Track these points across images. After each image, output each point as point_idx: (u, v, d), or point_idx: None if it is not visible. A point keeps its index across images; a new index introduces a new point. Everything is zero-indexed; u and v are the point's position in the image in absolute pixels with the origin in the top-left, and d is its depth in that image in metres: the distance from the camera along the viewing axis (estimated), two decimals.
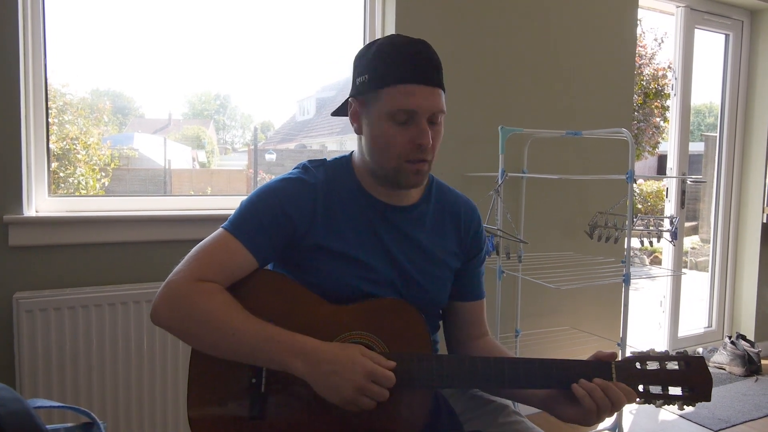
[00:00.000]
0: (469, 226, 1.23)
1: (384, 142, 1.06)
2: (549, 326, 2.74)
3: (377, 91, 1.04)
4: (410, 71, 1.02)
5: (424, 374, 1.00)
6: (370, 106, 1.07)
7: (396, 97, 1.03)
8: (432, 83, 1.04)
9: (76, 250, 1.87)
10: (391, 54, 1.04)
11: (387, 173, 1.09)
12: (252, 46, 3.15)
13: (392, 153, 1.05)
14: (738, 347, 3.33)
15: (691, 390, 0.99)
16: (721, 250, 3.76)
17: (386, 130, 1.05)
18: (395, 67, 1.03)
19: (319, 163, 1.17)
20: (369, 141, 1.09)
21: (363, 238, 1.11)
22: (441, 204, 1.21)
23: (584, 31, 2.75)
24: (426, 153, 1.06)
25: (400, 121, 1.03)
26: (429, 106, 1.03)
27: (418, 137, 1.03)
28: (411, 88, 1.02)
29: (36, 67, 1.85)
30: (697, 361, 1.00)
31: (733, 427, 2.63)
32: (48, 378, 1.75)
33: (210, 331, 0.98)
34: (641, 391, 1.00)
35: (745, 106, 3.68)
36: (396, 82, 1.03)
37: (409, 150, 1.05)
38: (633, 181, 2.15)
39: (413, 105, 1.02)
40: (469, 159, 2.49)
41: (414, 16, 2.33)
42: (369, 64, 1.07)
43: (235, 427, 1.02)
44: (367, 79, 1.06)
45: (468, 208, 1.25)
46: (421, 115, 1.03)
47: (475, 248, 1.24)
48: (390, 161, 1.07)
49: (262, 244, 1.06)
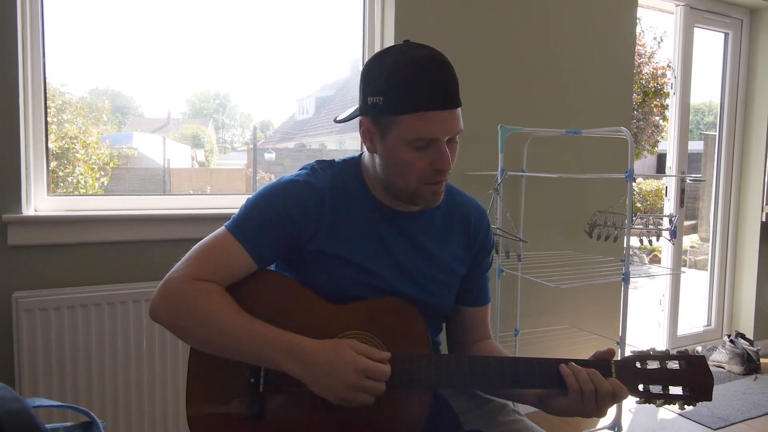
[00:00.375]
0: (478, 231, 1.21)
1: (403, 168, 1.02)
2: (548, 325, 2.75)
3: (396, 117, 0.99)
4: (429, 98, 0.97)
5: (423, 374, 1.00)
6: (386, 130, 1.02)
7: (415, 125, 0.98)
8: (452, 106, 1.00)
9: (75, 250, 1.87)
10: (408, 78, 0.97)
11: (405, 195, 1.07)
12: (251, 44, 3.15)
13: (411, 177, 1.03)
14: (737, 346, 3.34)
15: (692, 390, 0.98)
16: (721, 248, 3.76)
17: (404, 156, 1.01)
18: (413, 93, 0.97)
19: (328, 164, 1.15)
20: (386, 163, 1.05)
21: (368, 244, 1.10)
22: (450, 208, 1.19)
23: (584, 29, 2.75)
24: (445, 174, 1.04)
25: (419, 147, 1.00)
26: (450, 131, 1.01)
27: (438, 162, 1.01)
28: (431, 115, 0.98)
29: (35, 67, 1.85)
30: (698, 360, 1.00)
31: (732, 426, 2.63)
32: (47, 377, 1.75)
33: (205, 329, 0.98)
34: (641, 390, 0.99)
35: (744, 105, 3.69)
36: (414, 109, 0.97)
37: (429, 174, 1.02)
38: (632, 180, 2.15)
39: (434, 134, 0.99)
40: (469, 158, 2.48)
41: (413, 14, 2.33)
42: (383, 87, 1.00)
43: (234, 426, 1.02)
44: (382, 102, 1.00)
45: (478, 212, 1.23)
46: (442, 140, 1.00)
47: (482, 253, 1.23)
48: (409, 185, 1.04)
49: (262, 247, 1.05)
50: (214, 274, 1.02)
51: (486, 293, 1.26)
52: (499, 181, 2.30)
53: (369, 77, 1.03)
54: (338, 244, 1.08)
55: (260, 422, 1.02)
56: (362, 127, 1.07)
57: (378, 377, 0.94)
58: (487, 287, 1.26)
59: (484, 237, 1.23)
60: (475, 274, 1.22)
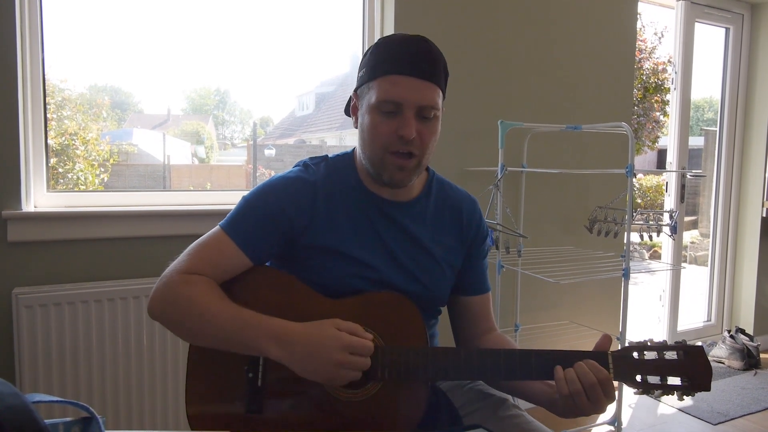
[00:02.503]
0: (471, 221, 1.22)
1: (369, 133, 1.05)
2: (548, 320, 2.75)
3: (369, 83, 1.05)
4: (399, 62, 1.02)
5: (420, 367, 1.00)
6: (363, 99, 1.07)
7: (383, 87, 1.02)
8: (422, 76, 1.02)
9: (75, 246, 1.87)
10: (387, 47, 1.05)
11: (373, 166, 1.08)
12: (251, 41, 3.14)
13: (377, 143, 1.04)
14: (737, 341, 3.34)
15: (691, 380, 0.97)
16: (721, 244, 3.76)
17: (372, 120, 1.04)
18: (387, 58, 1.03)
19: (320, 159, 1.17)
20: (360, 134, 1.09)
21: (363, 236, 1.10)
22: (442, 199, 1.20)
23: (584, 25, 2.74)
24: (411, 146, 1.04)
25: (386, 111, 1.03)
26: (416, 99, 1.02)
27: (402, 128, 1.02)
28: (398, 78, 1.01)
29: (34, 63, 1.84)
30: (695, 350, 0.99)
31: (732, 421, 2.64)
32: (48, 373, 1.75)
33: (190, 318, 0.99)
34: (638, 381, 0.98)
35: (745, 101, 3.68)
36: (385, 73, 1.02)
37: (392, 141, 1.03)
38: (633, 176, 2.15)
39: (398, 95, 1.01)
40: (469, 153, 2.48)
41: (413, 9, 2.32)
42: (366, 60, 1.08)
43: (233, 420, 1.03)
44: (364, 72, 1.07)
45: (469, 202, 1.24)
46: (407, 107, 1.02)
47: (477, 242, 1.23)
48: (375, 152, 1.06)
49: (256, 245, 1.06)
50: (207, 270, 1.03)
51: (485, 281, 1.26)
52: (499, 177, 2.30)
53: (362, 59, 1.10)
54: (332, 237, 1.08)
55: (259, 417, 1.02)
56: (351, 103, 1.13)
57: (362, 352, 0.94)
58: (486, 276, 1.26)
59: (477, 226, 1.23)
60: (472, 263, 1.23)
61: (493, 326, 1.25)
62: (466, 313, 1.24)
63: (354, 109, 1.12)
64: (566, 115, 2.71)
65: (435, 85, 1.04)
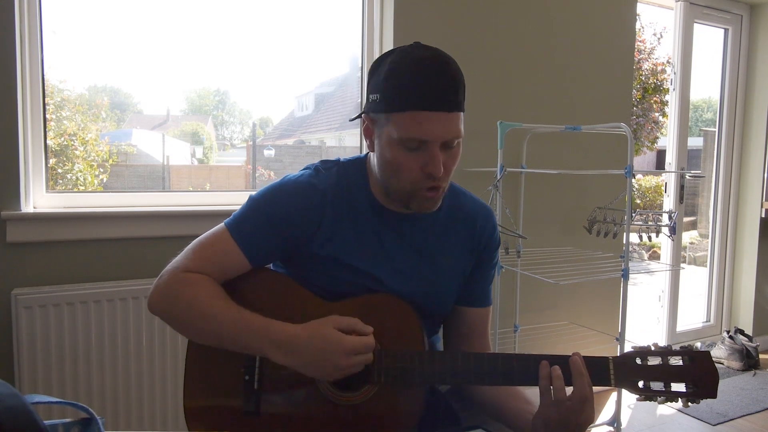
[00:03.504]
0: (484, 230, 1.17)
1: (394, 168, 1.00)
2: (548, 321, 2.75)
3: (388, 115, 0.97)
4: (421, 97, 0.94)
5: (417, 371, 0.99)
6: (381, 129, 1.00)
7: (405, 124, 0.95)
8: (447, 108, 0.95)
9: (74, 246, 1.87)
10: (404, 75, 0.95)
11: (399, 196, 1.04)
12: (251, 41, 3.14)
13: (403, 180, 1.00)
14: (736, 342, 3.34)
15: (696, 386, 0.94)
16: (720, 245, 3.76)
17: (396, 156, 0.98)
18: (406, 91, 0.95)
19: (332, 164, 1.12)
20: (381, 162, 1.03)
21: (368, 248, 1.08)
22: (455, 209, 1.15)
23: (583, 25, 2.75)
24: (439, 180, 0.99)
25: (410, 148, 0.97)
26: (442, 134, 0.96)
27: (429, 166, 0.97)
28: (422, 115, 0.94)
29: (33, 63, 1.84)
30: (702, 356, 0.95)
31: (732, 421, 2.64)
32: (47, 374, 1.75)
33: (192, 317, 0.99)
34: (641, 387, 0.95)
35: (744, 101, 3.68)
36: (405, 108, 0.94)
37: (420, 178, 0.99)
38: (632, 176, 2.15)
39: (424, 135, 0.95)
40: (468, 154, 2.47)
41: (413, 10, 2.32)
42: (381, 84, 0.98)
43: (231, 422, 1.03)
44: (379, 99, 0.98)
45: (484, 212, 1.19)
46: (434, 143, 0.96)
47: (488, 251, 1.18)
48: (402, 186, 1.01)
49: (258, 248, 1.05)
50: (207, 268, 1.03)
51: (487, 294, 1.21)
52: (499, 178, 2.30)
53: (372, 75, 1.02)
54: (337, 246, 1.07)
55: (256, 418, 1.02)
56: (363, 124, 1.06)
57: (365, 351, 0.96)
58: (489, 289, 1.22)
59: (490, 236, 1.18)
60: (479, 274, 1.19)
61: (486, 345, 1.21)
62: (462, 327, 1.20)
63: (368, 131, 1.05)
64: (565, 115, 2.72)
65: (459, 113, 0.98)
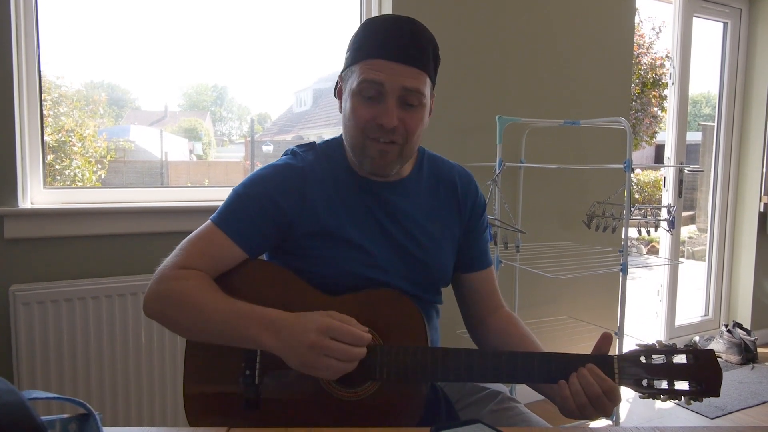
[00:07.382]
0: (467, 193, 1.20)
1: (350, 117, 1.02)
2: (547, 316, 2.75)
3: (352, 66, 1.02)
4: (383, 45, 0.98)
5: (419, 368, 0.98)
6: (346, 83, 1.04)
7: (363, 70, 0.99)
8: (408, 61, 0.98)
9: (72, 243, 1.86)
10: (372, 29, 1.01)
11: (355, 153, 1.06)
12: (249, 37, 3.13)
13: (357, 128, 1.02)
14: (734, 336, 3.35)
15: (699, 385, 0.95)
16: (718, 239, 3.77)
17: (353, 104, 1.01)
18: (372, 41, 1.00)
19: (308, 146, 1.15)
20: (342, 119, 1.06)
21: (357, 220, 1.09)
22: (434, 175, 1.18)
23: (582, 20, 2.74)
24: (393, 135, 1.01)
25: (367, 96, 0.99)
26: (397, 82, 0.98)
27: (381, 116, 0.99)
28: (380, 63, 0.98)
29: (29, 59, 1.83)
30: (706, 354, 0.95)
31: (730, 415, 2.65)
32: (45, 370, 1.75)
33: (184, 313, 0.98)
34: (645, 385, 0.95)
35: (742, 96, 3.68)
36: (368, 56, 0.99)
37: (371, 127, 1.01)
38: (631, 171, 2.15)
39: (379, 78, 0.98)
40: (467, 149, 2.48)
41: (411, 4, 2.31)
42: (352, 41, 1.05)
43: (231, 417, 1.02)
44: (348, 54, 1.04)
45: (464, 175, 1.22)
46: (390, 92, 0.98)
47: (475, 215, 1.20)
48: (355, 138, 1.03)
49: (249, 236, 1.05)
50: (200, 264, 1.02)
51: (486, 255, 1.23)
52: (498, 172, 2.30)
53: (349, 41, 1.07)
54: (324, 221, 1.07)
55: (256, 413, 1.02)
56: (337, 86, 1.09)
57: (345, 339, 0.88)
58: (487, 249, 1.24)
59: (474, 199, 1.21)
60: (472, 237, 1.20)
61: (500, 303, 1.22)
62: (472, 293, 1.21)
63: (339, 93, 1.09)
64: (564, 110, 2.71)
65: (421, 72, 1.00)
